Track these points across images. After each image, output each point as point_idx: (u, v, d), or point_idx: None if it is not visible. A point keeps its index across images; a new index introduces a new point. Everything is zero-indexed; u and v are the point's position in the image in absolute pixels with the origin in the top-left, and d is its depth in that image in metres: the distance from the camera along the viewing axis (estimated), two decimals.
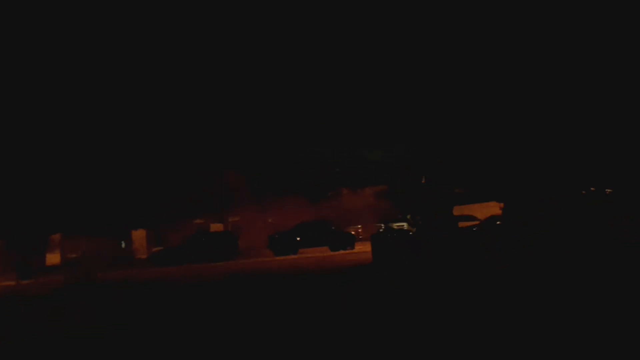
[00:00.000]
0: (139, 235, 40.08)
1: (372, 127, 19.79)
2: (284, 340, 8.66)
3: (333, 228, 33.73)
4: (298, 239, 32.14)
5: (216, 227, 42.08)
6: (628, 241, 16.40)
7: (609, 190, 23.18)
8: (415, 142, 18.69)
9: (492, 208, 36.73)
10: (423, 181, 16.71)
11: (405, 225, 64.36)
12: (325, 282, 16.91)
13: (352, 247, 32.36)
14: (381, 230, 48.58)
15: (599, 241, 16.94)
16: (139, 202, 39.67)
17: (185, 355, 8.28)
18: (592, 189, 22.68)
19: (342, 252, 31.52)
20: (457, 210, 35.82)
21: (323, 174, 31.95)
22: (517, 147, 19.99)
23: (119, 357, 8.62)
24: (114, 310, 14.07)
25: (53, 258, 37.72)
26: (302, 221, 36.81)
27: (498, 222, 33.40)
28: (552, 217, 19.56)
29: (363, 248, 32.65)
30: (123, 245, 40.51)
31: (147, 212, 40.58)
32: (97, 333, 10.82)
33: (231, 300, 14.25)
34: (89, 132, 30.51)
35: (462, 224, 28.98)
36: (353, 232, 35.07)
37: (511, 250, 17.52)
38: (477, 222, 33.58)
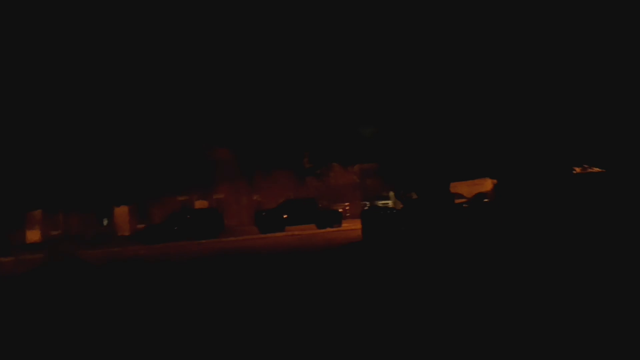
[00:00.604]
0: (121, 212, 39.28)
1: (364, 102, 19.29)
2: (278, 320, 8.23)
3: (320, 206, 33.38)
4: (285, 216, 31.70)
5: (200, 204, 41.45)
6: (620, 219, 16.20)
7: (598, 169, 23.01)
8: (407, 118, 18.23)
9: (478, 186, 36.56)
10: (417, 159, 16.31)
11: (390, 202, 64.40)
12: (316, 260, 16.49)
13: (339, 225, 32.01)
14: (366, 207, 48.38)
15: (591, 219, 16.72)
16: (121, 178, 38.88)
17: (173, 338, 7.80)
18: (585, 166, 22.48)
19: (329, 229, 31.18)
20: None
21: (312, 150, 31.37)
22: (510, 123, 19.61)
23: (105, 340, 8.12)
24: (97, 291, 13.53)
25: (33, 235, 36.88)
26: (289, 198, 36.39)
27: (485, 200, 33.28)
28: (545, 195, 19.30)
29: (350, 225, 32.36)
30: (105, 222, 39.74)
31: (129, 188, 39.81)
32: (82, 316, 10.30)
33: (222, 281, 13.77)
34: (70, 105, 29.69)
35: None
36: (340, 210, 34.70)
37: (502, 227, 17.23)
38: (464, 200, 33.42)
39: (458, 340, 6.62)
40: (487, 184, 35.38)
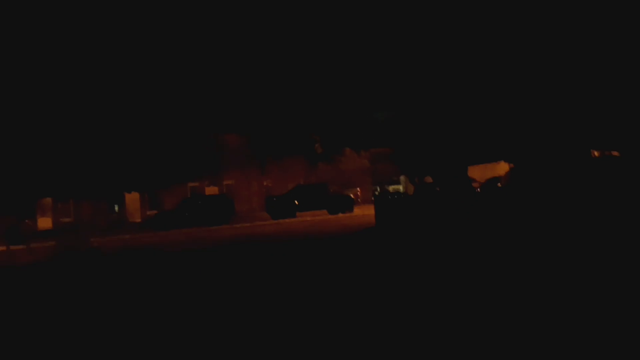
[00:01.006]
0: (132, 199, 39.08)
1: (379, 87, 18.93)
2: (293, 312, 8.01)
3: (331, 191, 33.09)
4: (296, 202, 31.47)
5: (211, 190, 41.26)
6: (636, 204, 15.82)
7: (616, 152, 22.55)
8: (422, 102, 17.85)
9: (491, 170, 36.07)
10: (433, 142, 15.90)
11: (400, 187, 64.12)
12: (330, 247, 16.25)
13: (351, 211, 31.75)
14: (377, 192, 48.08)
15: (608, 203, 16.35)
16: (131, 165, 38.70)
17: (188, 331, 7.59)
18: (602, 150, 22.04)
19: (340, 215, 30.94)
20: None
21: (323, 135, 31.07)
22: (528, 105, 19.21)
23: (118, 334, 7.93)
24: (111, 282, 13.37)
25: (45, 222, 36.82)
26: (300, 184, 36.15)
27: (499, 184, 32.83)
28: (562, 179, 18.91)
29: (362, 211, 32.10)
30: (116, 208, 39.62)
31: (140, 175, 39.63)
32: (95, 308, 10.13)
33: (237, 270, 13.56)
34: (81, 92, 29.51)
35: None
36: (352, 195, 34.38)
37: (518, 213, 16.88)
38: (476, 185, 32.98)
39: (469, 336, 6.37)
40: (500, 168, 34.89)
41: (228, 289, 10.73)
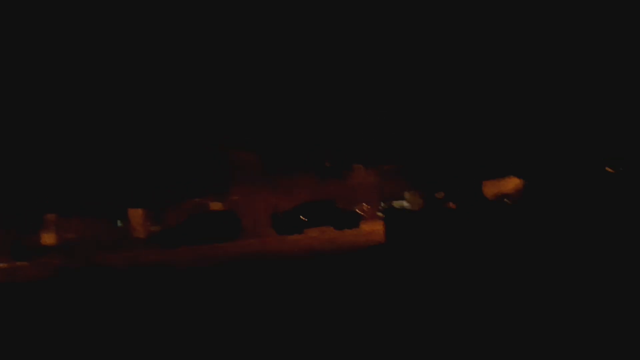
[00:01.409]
0: (136, 214, 38.80)
1: (389, 103, 18.69)
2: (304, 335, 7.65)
3: (338, 207, 32.76)
4: (302, 218, 31.14)
5: (215, 205, 40.91)
6: None
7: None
8: (433, 116, 17.57)
9: (498, 186, 35.67)
10: (446, 157, 15.49)
11: (405, 203, 63.64)
12: (339, 265, 15.88)
13: (357, 227, 31.37)
14: (385, 208, 47.59)
15: (623, 222, 15.99)
16: (135, 180, 38.48)
17: (197, 355, 7.24)
18: (616, 166, 21.69)
19: (347, 231, 30.57)
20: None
21: (330, 151, 30.82)
22: (541, 119, 18.89)
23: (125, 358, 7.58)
24: (117, 301, 13.01)
25: (48, 238, 36.50)
26: (305, 200, 35.81)
27: (506, 201, 32.42)
28: (575, 196, 18.57)
29: (369, 227, 31.71)
30: (120, 224, 39.26)
31: (144, 190, 39.39)
32: (100, 329, 9.77)
33: (248, 290, 13.20)
34: (85, 107, 29.31)
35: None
36: (359, 212, 34.03)
37: (531, 231, 16.53)
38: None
39: None
40: (508, 184, 34.47)
41: (239, 311, 10.38)
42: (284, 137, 27.68)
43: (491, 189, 35.46)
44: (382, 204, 50.02)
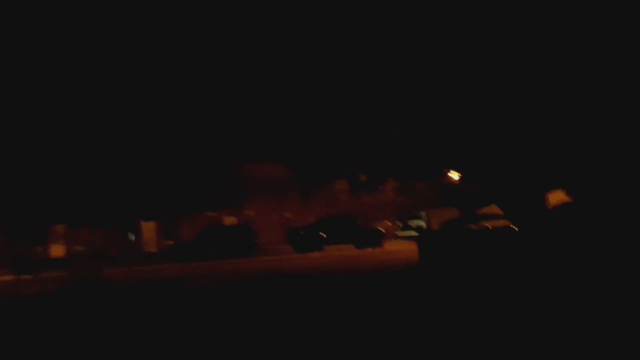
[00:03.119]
0: (148, 227, 37.46)
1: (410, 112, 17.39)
2: None
3: (359, 224, 31.22)
4: (322, 235, 29.62)
5: (229, 220, 39.56)
6: None
7: None
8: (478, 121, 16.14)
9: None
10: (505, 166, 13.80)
11: (422, 222, 61.95)
12: (374, 290, 14.37)
13: (380, 246, 29.81)
14: (399, 227, 45.91)
15: None
16: (147, 192, 37.23)
17: None
18: None
19: (369, 250, 29.04)
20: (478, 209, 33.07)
21: (347, 166, 29.37)
22: (584, 127, 17.46)
23: None
24: (128, 320, 11.57)
25: (57, 250, 35.24)
26: (321, 216, 34.34)
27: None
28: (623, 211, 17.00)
29: (392, 247, 30.18)
30: (131, 237, 37.93)
31: (156, 203, 38.12)
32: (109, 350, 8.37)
33: (269, 314, 11.72)
34: (97, 115, 28.20)
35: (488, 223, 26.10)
36: (381, 229, 32.45)
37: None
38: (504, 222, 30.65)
39: None
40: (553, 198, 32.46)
41: (256, 333, 8.92)
42: (295, 151, 26.27)
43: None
44: (397, 222, 48.40)
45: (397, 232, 41.59)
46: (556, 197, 24.03)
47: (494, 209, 32.25)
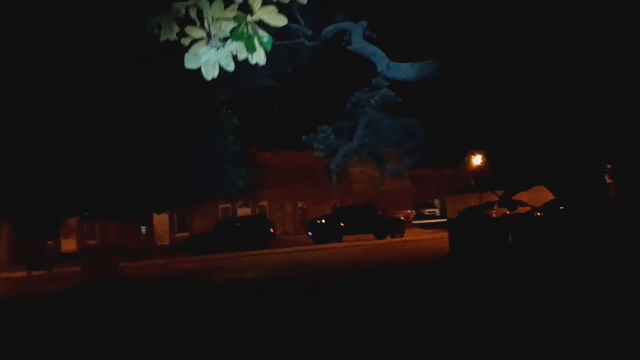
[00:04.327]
0: (161, 220, 36.67)
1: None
2: None
3: (380, 213, 30.33)
4: (342, 224, 28.74)
5: (243, 211, 38.72)
6: None
7: None
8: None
9: (544, 192, 32.94)
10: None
11: (436, 211, 60.97)
12: (406, 283, 13.52)
13: (401, 235, 28.93)
14: (412, 215, 44.92)
15: None
16: (160, 183, 36.42)
17: None
18: None
19: (390, 239, 28.18)
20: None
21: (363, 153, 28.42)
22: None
23: None
24: (148, 319, 10.77)
25: (69, 244, 34.55)
26: (339, 205, 33.47)
27: (561, 208, 29.41)
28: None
29: (413, 235, 29.34)
30: (143, 230, 37.17)
31: (168, 195, 37.33)
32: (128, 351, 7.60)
33: (300, 311, 10.89)
34: (108, 107, 27.28)
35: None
36: (402, 218, 31.54)
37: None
38: (528, 209, 29.65)
39: None
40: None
41: (288, 333, 8.10)
42: (312, 139, 25.42)
43: (533, 195, 32.64)
44: (413, 211, 47.49)
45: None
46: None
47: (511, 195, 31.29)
